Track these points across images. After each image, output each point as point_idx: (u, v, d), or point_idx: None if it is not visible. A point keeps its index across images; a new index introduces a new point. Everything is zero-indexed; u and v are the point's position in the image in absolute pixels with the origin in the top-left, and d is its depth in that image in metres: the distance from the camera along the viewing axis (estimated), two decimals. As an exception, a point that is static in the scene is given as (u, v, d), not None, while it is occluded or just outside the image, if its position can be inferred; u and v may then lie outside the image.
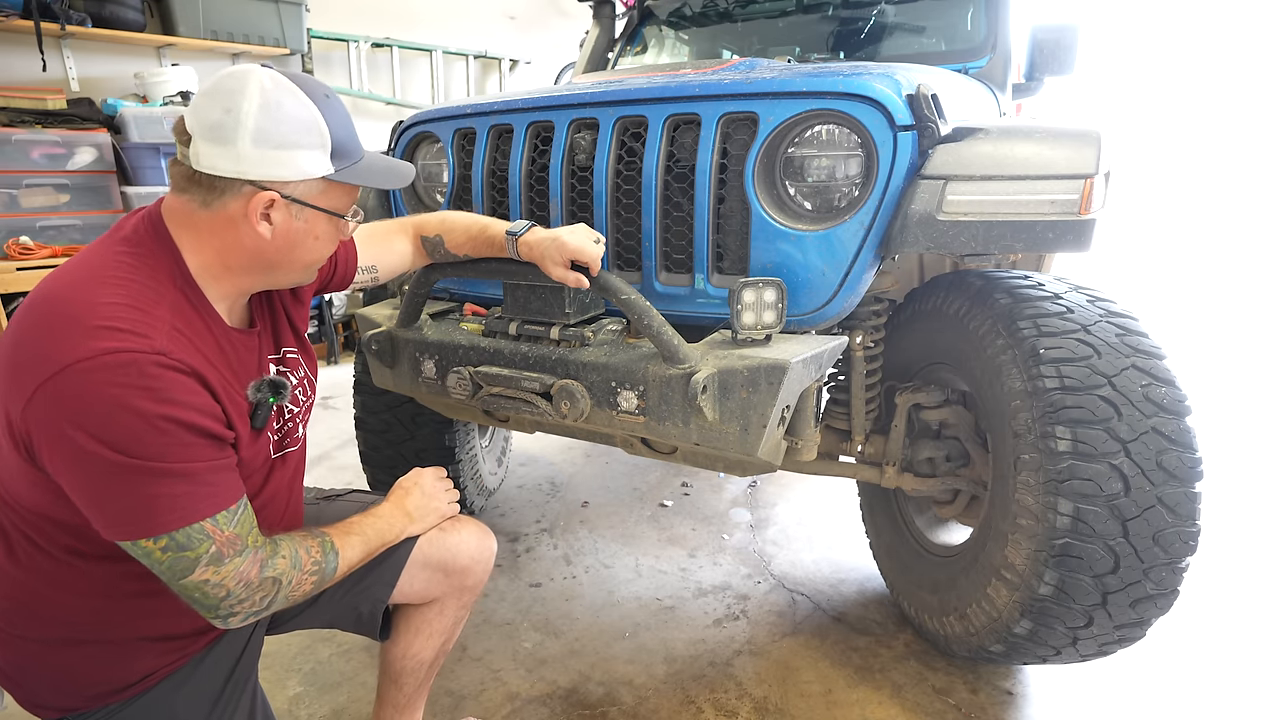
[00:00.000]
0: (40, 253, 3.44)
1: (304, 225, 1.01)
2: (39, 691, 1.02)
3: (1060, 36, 2.43)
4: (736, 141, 1.51)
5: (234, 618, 0.97)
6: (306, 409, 1.22)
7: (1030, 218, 1.38)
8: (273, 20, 4.25)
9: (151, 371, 0.85)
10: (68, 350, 0.83)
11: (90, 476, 0.86)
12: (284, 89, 0.95)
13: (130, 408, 0.84)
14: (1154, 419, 1.39)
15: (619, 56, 3.07)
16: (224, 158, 0.92)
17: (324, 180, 1.00)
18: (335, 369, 4.63)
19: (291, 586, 1.02)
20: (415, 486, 1.33)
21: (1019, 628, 1.52)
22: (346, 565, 1.12)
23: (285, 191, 0.96)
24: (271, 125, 0.93)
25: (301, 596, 1.05)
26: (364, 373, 2.32)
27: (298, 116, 0.95)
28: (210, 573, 0.92)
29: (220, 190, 0.94)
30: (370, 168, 1.06)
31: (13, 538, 0.98)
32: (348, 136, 1.02)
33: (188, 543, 0.90)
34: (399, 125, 2.02)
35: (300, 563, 1.03)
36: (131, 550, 0.90)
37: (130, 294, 0.90)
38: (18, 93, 3.54)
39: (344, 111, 1.03)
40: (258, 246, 0.98)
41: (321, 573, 1.06)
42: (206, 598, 0.94)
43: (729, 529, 2.62)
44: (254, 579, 0.96)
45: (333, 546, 1.09)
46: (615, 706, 1.76)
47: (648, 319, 1.36)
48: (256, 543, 0.98)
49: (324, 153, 0.98)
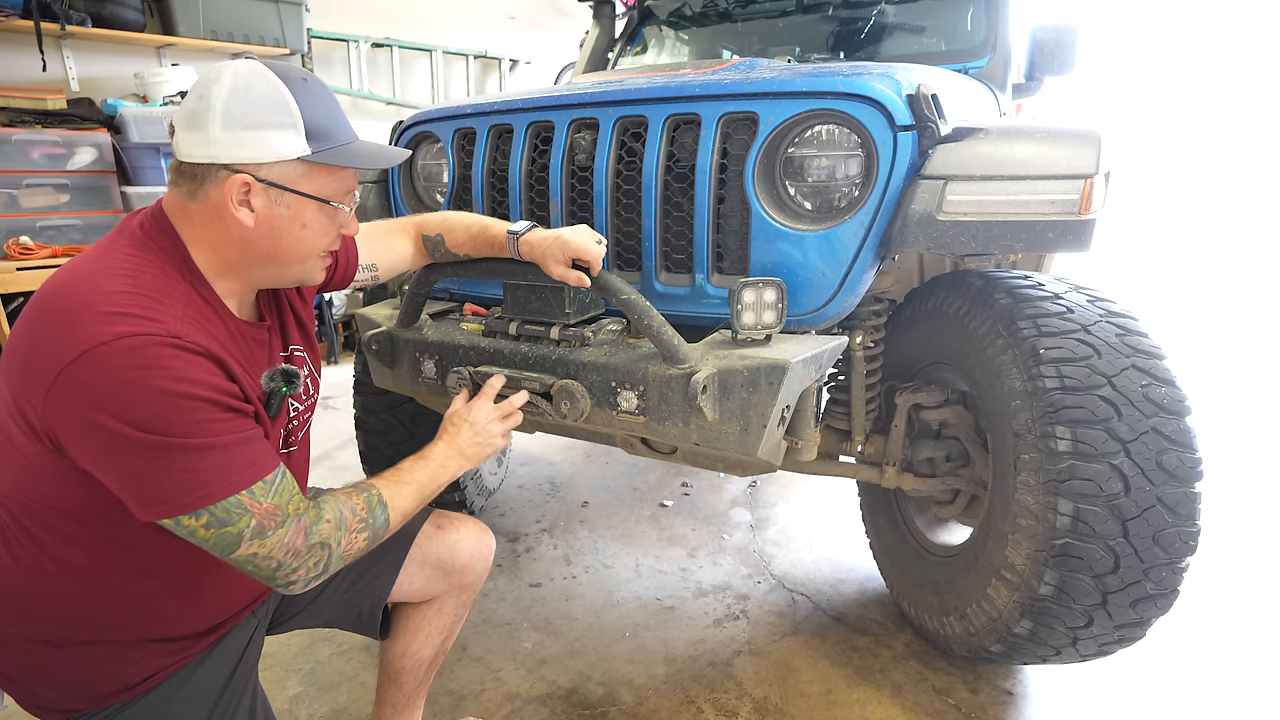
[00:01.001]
0: (40, 253, 3.43)
1: (287, 211, 0.99)
2: (41, 693, 1.02)
3: (1060, 36, 2.43)
4: (736, 141, 1.51)
5: (294, 585, 0.99)
6: (309, 408, 1.22)
7: (1030, 218, 1.38)
8: (273, 20, 4.25)
9: (168, 353, 0.86)
10: (83, 337, 0.84)
11: (120, 458, 0.86)
12: (255, 73, 0.95)
13: (151, 387, 0.84)
14: (1154, 419, 1.39)
15: (619, 56, 3.07)
16: (198, 144, 0.93)
17: (302, 163, 0.98)
18: (335, 369, 4.63)
19: (343, 547, 1.02)
20: (465, 422, 1.30)
21: (1019, 628, 1.52)
22: (400, 515, 1.12)
23: (260, 175, 0.95)
24: (238, 107, 0.93)
25: (357, 554, 1.06)
26: (364, 373, 2.32)
27: (265, 96, 0.94)
28: (256, 546, 0.93)
29: (201, 178, 0.95)
30: (352, 150, 1.03)
31: (15, 537, 0.97)
32: (327, 119, 1.00)
33: (227, 517, 0.90)
34: (399, 125, 2.02)
35: (345, 523, 1.03)
36: (175, 530, 0.90)
37: (141, 284, 0.90)
38: (18, 93, 3.54)
39: (326, 96, 1.02)
40: (244, 236, 0.98)
41: (371, 528, 1.07)
42: (259, 569, 0.95)
43: (729, 529, 2.62)
44: (300, 547, 0.97)
45: (380, 500, 1.09)
46: (615, 706, 1.76)
47: (648, 319, 1.36)
48: (298, 511, 0.98)
49: (296, 133, 0.96)
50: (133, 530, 0.96)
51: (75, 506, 0.94)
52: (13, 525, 0.97)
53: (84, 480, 0.90)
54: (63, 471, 0.91)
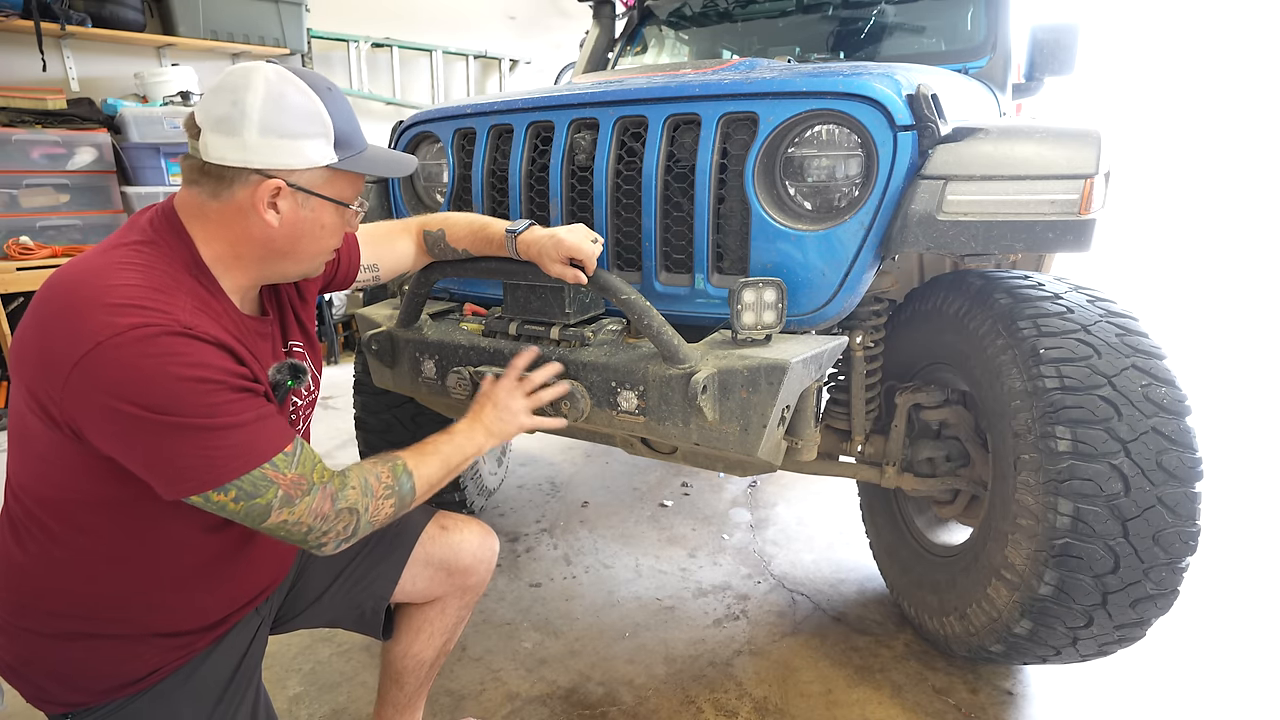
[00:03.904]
0: (40, 253, 3.44)
1: (310, 214, 1.03)
2: (45, 686, 1.03)
3: (1060, 36, 2.43)
4: (736, 141, 1.51)
5: (325, 547, 1.03)
6: (310, 404, 1.23)
7: (1030, 218, 1.38)
8: (273, 20, 4.25)
9: (180, 341, 0.88)
10: (97, 329, 0.85)
11: (143, 442, 0.88)
12: (288, 81, 0.98)
13: (166, 374, 0.86)
14: (1154, 419, 1.39)
15: (619, 56, 3.07)
16: (232, 148, 0.95)
17: (328, 169, 1.02)
18: (335, 369, 4.63)
19: (370, 512, 1.06)
20: (488, 400, 1.33)
21: (1019, 628, 1.52)
22: (426, 484, 1.15)
23: (291, 180, 0.99)
24: (276, 115, 0.96)
25: (385, 519, 1.09)
26: (364, 373, 2.32)
27: (301, 107, 0.98)
28: (286, 514, 0.96)
29: (229, 180, 0.97)
30: (373, 157, 1.09)
31: (25, 528, 0.99)
32: (350, 128, 1.05)
33: (254, 490, 0.93)
34: (399, 125, 2.02)
35: (371, 489, 1.06)
36: (205, 506, 0.93)
37: (149, 279, 0.92)
38: (18, 93, 3.55)
39: (346, 104, 1.06)
40: (266, 235, 1.01)
41: (397, 495, 1.10)
42: (291, 535, 0.99)
43: (729, 529, 2.62)
44: (328, 512, 1.01)
45: (405, 469, 1.12)
46: (615, 706, 1.76)
47: (648, 319, 1.36)
48: (323, 479, 1.01)
49: (327, 142, 1.01)
50: (146, 520, 0.98)
51: (91, 495, 0.96)
52: (24, 516, 0.99)
53: (102, 469, 0.92)
54: (82, 460, 0.92)
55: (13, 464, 1.00)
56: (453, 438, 1.24)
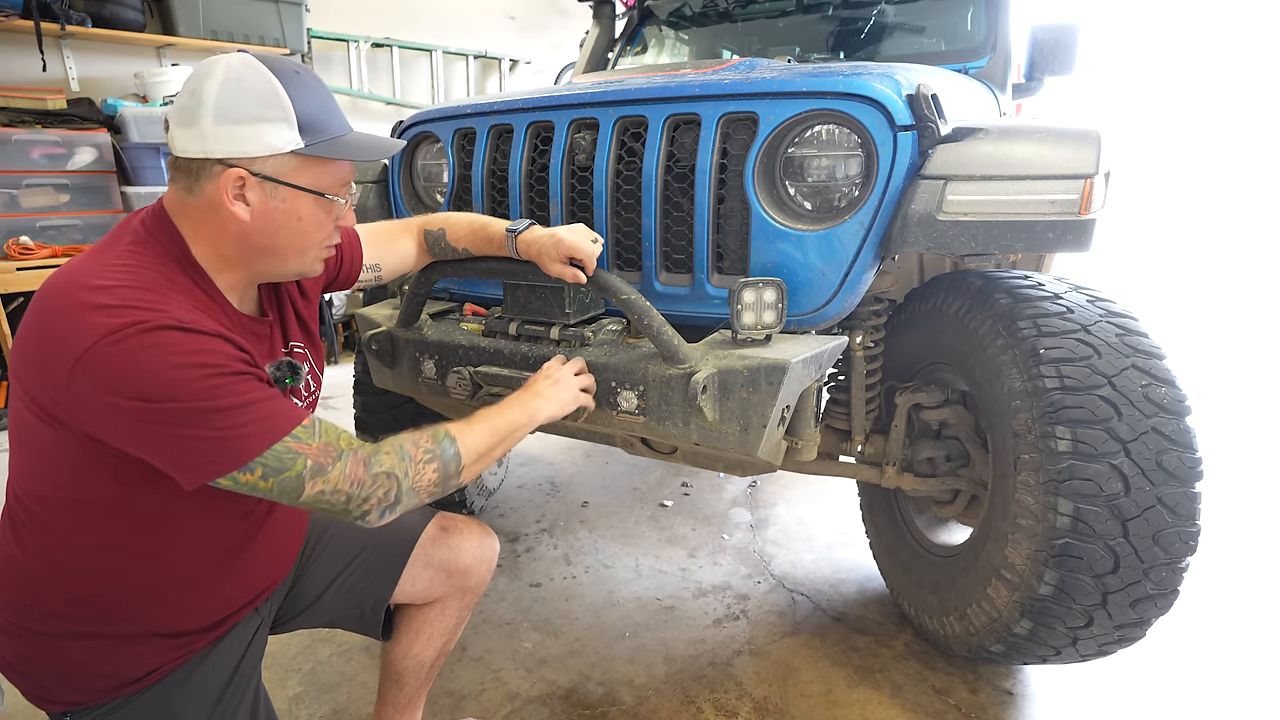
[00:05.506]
0: (40, 253, 3.44)
1: (283, 205, 0.99)
2: (45, 685, 1.03)
3: (1060, 36, 2.43)
4: (736, 141, 1.51)
5: (369, 515, 1.00)
6: (310, 404, 1.23)
7: (1030, 218, 1.38)
8: (273, 20, 4.25)
9: (175, 334, 0.87)
10: (91, 329, 0.85)
11: (153, 434, 0.87)
12: (248, 67, 0.95)
13: (162, 363, 0.85)
14: (1154, 419, 1.39)
15: (619, 56, 3.07)
16: (192, 139, 0.94)
17: (296, 156, 0.98)
18: (335, 369, 4.63)
19: (411, 478, 1.03)
20: (542, 374, 1.34)
21: (1019, 628, 1.52)
22: (472, 451, 1.11)
23: (254, 168, 0.96)
24: (230, 101, 0.93)
25: (429, 485, 1.05)
26: (364, 373, 2.32)
27: (257, 89, 0.94)
28: (320, 484, 0.94)
29: (196, 173, 0.96)
30: (346, 142, 1.03)
31: (25, 527, 0.98)
32: (320, 111, 1.00)
33: (280, 464, 0.91)
34: (399, 125, 2.02)
35: (408, 454, 1.03)
36: (235, 489, 0.91)
37: (143, 279, 0.91)
38: (18, 93, 3.55)
39: (319, 88, 1.02)
40: (240, 230, 0.98)
41: (439, 459, 1.06)
42: (332, 506, 0.97)
43: (729, 529, 2.62)
44: (363, 477, 0.98)
45: (447, 434, 1.09)
46: (615, 706, 1.76)
47: (647, 319, 1.36)
48: (351, 445, 0.99)
49: (289, 126, 0.96)
50: (147, 520, 0.97)
51: (92, 494, 0.95)
52: (24, 516, 0.98)
53: (107, 467, 0.92)
54: (83, 459, 0.92)
55: (13, 464, 0.99)
56: (502, 409, 1.21)
